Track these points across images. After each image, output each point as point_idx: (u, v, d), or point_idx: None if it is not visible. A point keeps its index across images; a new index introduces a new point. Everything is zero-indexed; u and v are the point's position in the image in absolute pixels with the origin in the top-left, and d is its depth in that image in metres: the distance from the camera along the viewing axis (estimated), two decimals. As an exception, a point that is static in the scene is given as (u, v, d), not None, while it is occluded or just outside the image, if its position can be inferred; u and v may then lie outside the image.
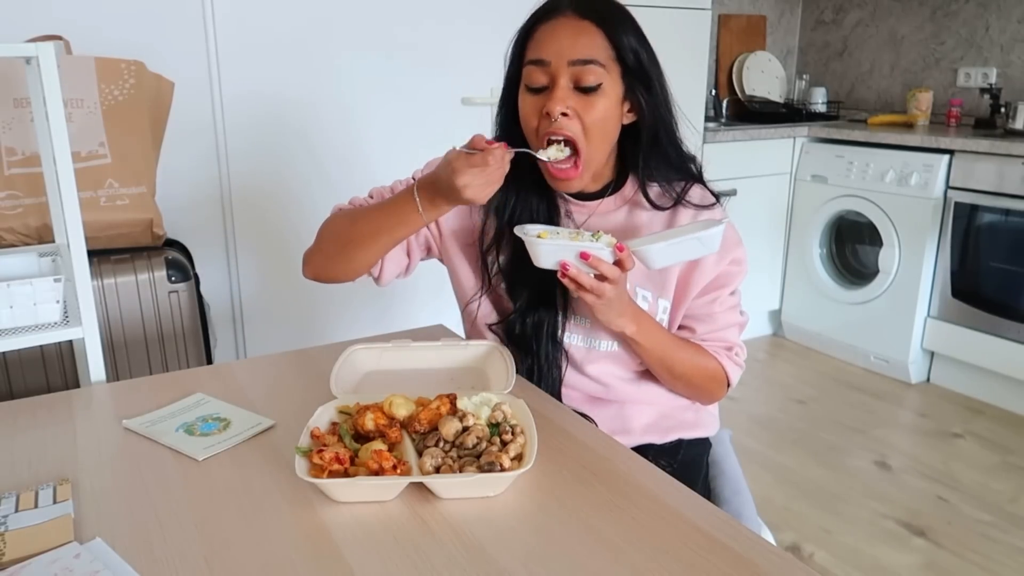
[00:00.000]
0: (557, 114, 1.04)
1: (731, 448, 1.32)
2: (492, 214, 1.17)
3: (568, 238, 1.02)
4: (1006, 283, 2.77)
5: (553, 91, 1.04)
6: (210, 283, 2.19)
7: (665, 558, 0.75)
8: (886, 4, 3.58)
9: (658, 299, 1.16)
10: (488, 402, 0.96)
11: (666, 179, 1.15)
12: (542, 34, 1.07)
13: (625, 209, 1.17)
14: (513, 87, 1.12)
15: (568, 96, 1.04)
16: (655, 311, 1.16)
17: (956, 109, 3.21)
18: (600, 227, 1.16)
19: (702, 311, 1.16)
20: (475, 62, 2.48)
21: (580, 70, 1.04)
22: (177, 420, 1.03)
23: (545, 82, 1.05)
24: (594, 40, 1.04)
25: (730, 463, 1.29)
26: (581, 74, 1.04)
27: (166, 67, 1.80)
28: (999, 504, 2.25)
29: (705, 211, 1.15)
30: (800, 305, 3.44)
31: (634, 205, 1.17)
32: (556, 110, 1.04)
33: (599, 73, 1.04)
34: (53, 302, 1.25)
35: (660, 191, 1.16)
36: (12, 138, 1.60)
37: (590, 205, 1.17)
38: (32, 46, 1.19)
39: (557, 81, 1.04)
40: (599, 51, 1.05)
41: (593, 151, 1.08)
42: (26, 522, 0.79)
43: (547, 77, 1.05)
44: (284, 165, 2.29)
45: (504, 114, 1.17)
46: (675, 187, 1.16)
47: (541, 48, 1.06)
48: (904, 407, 2.91)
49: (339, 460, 0.84)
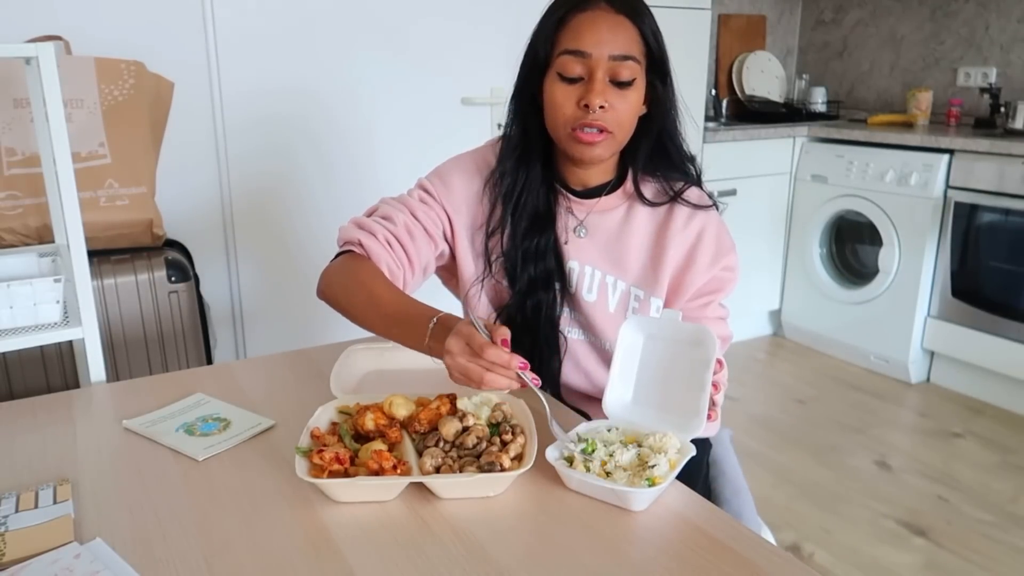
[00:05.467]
0: (597, 107, 1.05)
1: (731, 448, 1.32)
2: (499, 200, 1.17)
3: (599, 461, 0.88)
4: (1006, 283, 2.77)
5: (591, 84, 1.05)
6: (210, 283, 2.19)
7: (665, 558, 0.75)
8: (886, 4, 3.58)
9: (650, 297, 1.16)
10: (488, 402, 0.96)
11: (664, 176, 1.16)
12: (580, 25, 1.06)
13: (624, 206, 1.18)
14: (536, 74, 1.12)
15: (605, 89, 1.06)
16: (647, 309, 1.16)
17: (956, 109, 3.21)
18: (599, 225, 1.17)
19: (693, 315, 1.17)
20: (475, 62, 2.48)
21: (618, 65, 1.05)
22: (177, 420, 1.03)
23: (581, 73, 1.06)
24: (630, 35, 1.06)
25: (730, 463, 1.29)
26: (619, 69, 1.05)
27: (166, 67, 1.80)
28: (999, 504, 2.25)
29: (701, 211, 1.16)
30: (800, 305, 3.44)
31: (633, 202, 1.18)
32: (596, 103, 1.05)
33: (634, 68, 1.06)
34: (53, 302, 1.25)
35: (658, 188, 1.17)
36: (12, 138, 1.60)
37: (588, 203, 1.18)
38: (32, 46, 1.19)
39: (595, 74, 1.05)
40: (634, 46, 1.06)
41: (619, 140, 1.10)
42: (26, 522, 0.79)
43: (584, 69, 1.06)
44: (284, 165, 2.29)
45: (522, 101, 1.16)
46: (673, 185, 1.16)
47: (581, 39, 1.06)
48: (904, 407, 2.91)
49: (339, 460, 0.84)
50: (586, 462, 0.87)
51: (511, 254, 1.17)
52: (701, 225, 1.16)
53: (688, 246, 1.15)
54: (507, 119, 1.19)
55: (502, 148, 1.18)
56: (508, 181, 1.15)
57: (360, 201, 2.49)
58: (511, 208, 1.16)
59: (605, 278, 1.17)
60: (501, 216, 1.17)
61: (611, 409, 0.97)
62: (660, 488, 0.82)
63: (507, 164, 1.16)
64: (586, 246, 1.17)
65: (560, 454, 0.89)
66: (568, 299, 1.18)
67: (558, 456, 0.88)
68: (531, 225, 1.16)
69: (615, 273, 1.17)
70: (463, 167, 1.22)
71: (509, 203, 1.16)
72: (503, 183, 1.16)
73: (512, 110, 1.18)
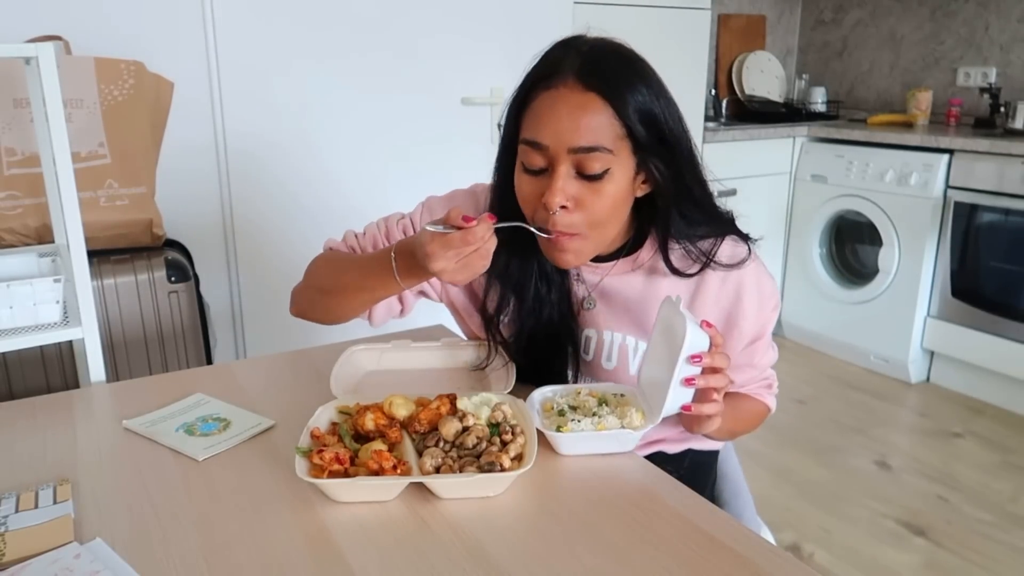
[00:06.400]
0: (556, 207, 0.92)
1: (732, 449, 1.32)
2: (495, 281, 1.07)
3: (588, 415, 0.94)
4: (1006, 283, 2.77)
5: (552, 181, 0.91)
6: (210, 283, 2.19)
7: (665, 558, 0.75)
8: (886, 4, 3.58)
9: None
10: (488, 402, 0.96)
11: (689, 239, 1.02)
12: (540, 108, 0.92)
13: (642, 274, 1.05)
14: (510, 153, 0.99)
15: (568, 184, 0.92)
16: None
17: (956, 109, 3.21)
18: (617, 290, 1.06)
19: (742, 361, 1.08)
20: (475, 62, 2.48)
21: (583, 157, 0.91)
22: (177, 420, 1.03)
23: (543, 164, 0.93)
24: (598, 120, 0.90)
25: (731, 464, 1.29)
26: (584, 161, 0.91)
27: (166, 67, 1.80)
28: (999, 504, 2.25)
29: (735, 270, 1.03)
30: (800, 305, 3.44)
31: (651, 271, 1.05)
32: (554, 202, 0.91)
33: (605, 159, 0.91)
34: (53, 302, 1.25)
35: (682, 254, 1.02)
36: (12, 138, 1.60)
37: (603, 267, 1.06)
38: (32, 46, 1.19)
39: (556, 168, 0.91)
40: (604, 133, 0.90)
41: (600, 237, 0.98)
42: (26, 522, 0.79)
43: (545, 160, 0.92)
44: (284, 165, 2.29)
45: (500, 179, 1.04)
46: (700, 247, 1.02)
47: (539, 128, 0.92)
48: (904, 407, 2.91)
49: (339, 460, 0.84)
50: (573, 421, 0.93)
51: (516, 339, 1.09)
52: (738, 282, 1.03)
53: (727, 308, 1.04)
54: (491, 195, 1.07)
55: None
56: (502, 259, 1.00)
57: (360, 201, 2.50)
58: (511, 290, 1.06)
59: (625, 340, 1.07)
60: (500, 298, 1.07)
61: (640, 376, 1.03)
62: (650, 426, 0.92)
63: None
64: (601, 312, 1.07)
65: (545, 424, 0.93)
66: (584, 367, 1.10)
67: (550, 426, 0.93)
68: (535, 303, 1.05)
69: (636, 335, 1.06)
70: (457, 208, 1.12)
71: (507, 284, 1.06)
72: (496, 261, 0.95)
73: (493, 189, 1.06)
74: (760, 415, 1.15)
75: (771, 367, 1.16)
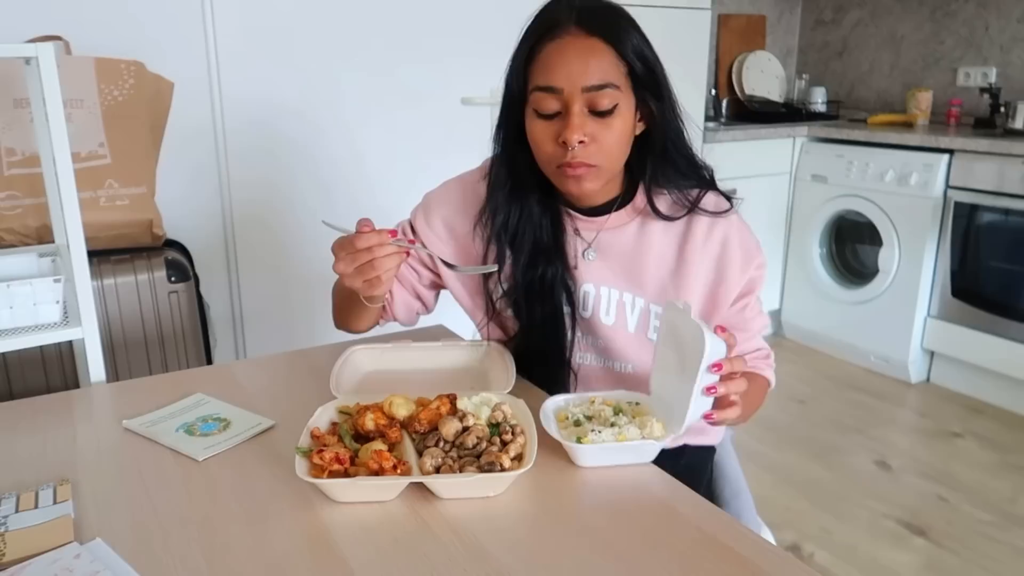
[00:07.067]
0: (575, 143, 0.99)
1: (732, 449, 1.32)
2: (493, 239, 1.12)
3: (605, 425, 0.93)
4: (1006, 283, 2.77)
5: (568, 119, 0.99)
6: (210, 283, 2.19)
7: (664, 557, 0.75)
8: (886, 4, 3.58)
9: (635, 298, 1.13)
10: (488, 402, 0.96)
11: (677, 187, 1.11)
12: (549, 57, 1.00)
13: (637, 222, 1.12)
14: (516, 107, 1.06)
15: (584, 122, 1.00)
16: None
17: (956, 109, 3.21)
18: (611, 243, 1.11)
19: (734, 319, 1.13)
20: (475, 62, 2.48)
21: (595, 95, 0.99)
22: (177, 420, 1.03)
23: (557, 108, 1.00)
24: (606, 60, 0.99)
25: (731, 464, 1.29)
26: (596, 99, 0.99)
27: (166, 67, 1.80)
28: (999, 504, 2.25)
29: (721, 217, 1.11)
30: (800, 305, 3.44)
31: (645, 216, 1.12)
32: (574, 139, 0.99)
33: (614, 95, 1.00)
34: (53, 302, 1.25)
35: (671, 200, 1.11)
36: (12, 138, 1.60)
37: (598, 220, 1.12)
38: (32, 46, 1.19)
39: (571, 108, 0.99)
40: (612, 72, 1.00)
41: (611, 169, 1.05)
42: (26, 522, 0.79)
43: (559, 103, 1.00)
44: (284, 165, 2.29)
45: (506, 134, 1.10)
46: (688, 195, 1.11)
47: (551, 74, 1.00)
48: (904, 407, 2.91)
49: (339, 460, 0.84)
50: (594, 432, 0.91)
51: (513, 292, 1.13)
52: (724, 233, 1.11)
53: (715, 258, 1.11)
54: (494, 150, 1.13)
55: (490, 182, 1.12)
56: (500, 217, 1.10)
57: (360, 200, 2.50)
58: (508, 244, 1.11)
59: (622, 296, 1.12)
60: (497, 254, 1.12)
61: (652, 384, 1.01)
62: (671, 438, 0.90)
63: (498, 199, 1.11)
64: (599, 267, 1.12)
65: (563, 435, 0.91)
66: (583, 324, 1.13)
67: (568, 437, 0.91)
68: (533, 258, 1.11)
69: (633, 291, 1.12)
70: (451, 203, 1.18)
71: (504, 239, 1.11)
72: (495, 220, 1.10)
73: (498, 141, 1.12)
74: (764, 390, 1.18)
75: (763, 336, 1.20)
